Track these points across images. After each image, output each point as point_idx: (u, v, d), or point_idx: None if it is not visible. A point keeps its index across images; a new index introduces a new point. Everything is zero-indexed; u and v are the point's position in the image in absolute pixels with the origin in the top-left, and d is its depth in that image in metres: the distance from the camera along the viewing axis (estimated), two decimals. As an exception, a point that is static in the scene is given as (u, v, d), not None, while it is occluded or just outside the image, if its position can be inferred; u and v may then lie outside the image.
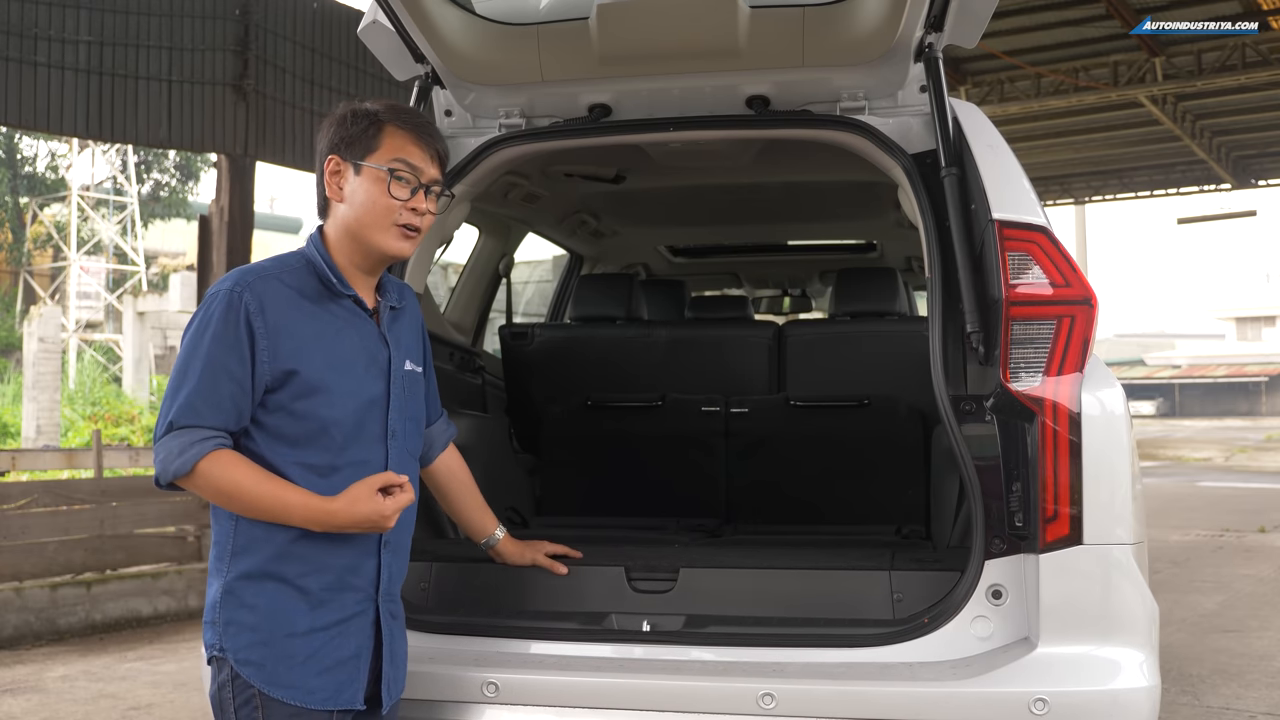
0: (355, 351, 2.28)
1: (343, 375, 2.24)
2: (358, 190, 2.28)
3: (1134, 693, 2.41)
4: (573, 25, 3.06)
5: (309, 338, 2.21)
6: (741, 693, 2.47)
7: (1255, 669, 5.76)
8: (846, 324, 4.54)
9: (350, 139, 2.29)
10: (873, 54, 3.02)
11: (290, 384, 2.18)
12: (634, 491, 4.28)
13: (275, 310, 2.19)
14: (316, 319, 2.24)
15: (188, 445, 2.12)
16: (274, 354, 2.17)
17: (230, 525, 2.21)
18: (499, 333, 4.71)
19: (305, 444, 2.20)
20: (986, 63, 16.34)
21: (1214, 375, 57.68)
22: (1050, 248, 2.62)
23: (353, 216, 2.28)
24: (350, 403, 2.24)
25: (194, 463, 2.12)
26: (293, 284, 2.24)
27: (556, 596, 2.97)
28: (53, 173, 39.37)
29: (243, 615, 2.17)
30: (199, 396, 2.13)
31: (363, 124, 2.29)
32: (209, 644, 2.21)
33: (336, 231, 2.31)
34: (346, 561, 2.24)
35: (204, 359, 2.15)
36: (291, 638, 2.17)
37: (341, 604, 2.23)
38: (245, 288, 2.18)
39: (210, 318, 2.17)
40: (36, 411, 20.92)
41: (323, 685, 2.19)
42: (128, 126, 10.84)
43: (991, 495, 2.57)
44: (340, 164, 2.29)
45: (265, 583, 2.18)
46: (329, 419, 2.21)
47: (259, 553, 2.18)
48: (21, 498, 7.98)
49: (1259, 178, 23.34)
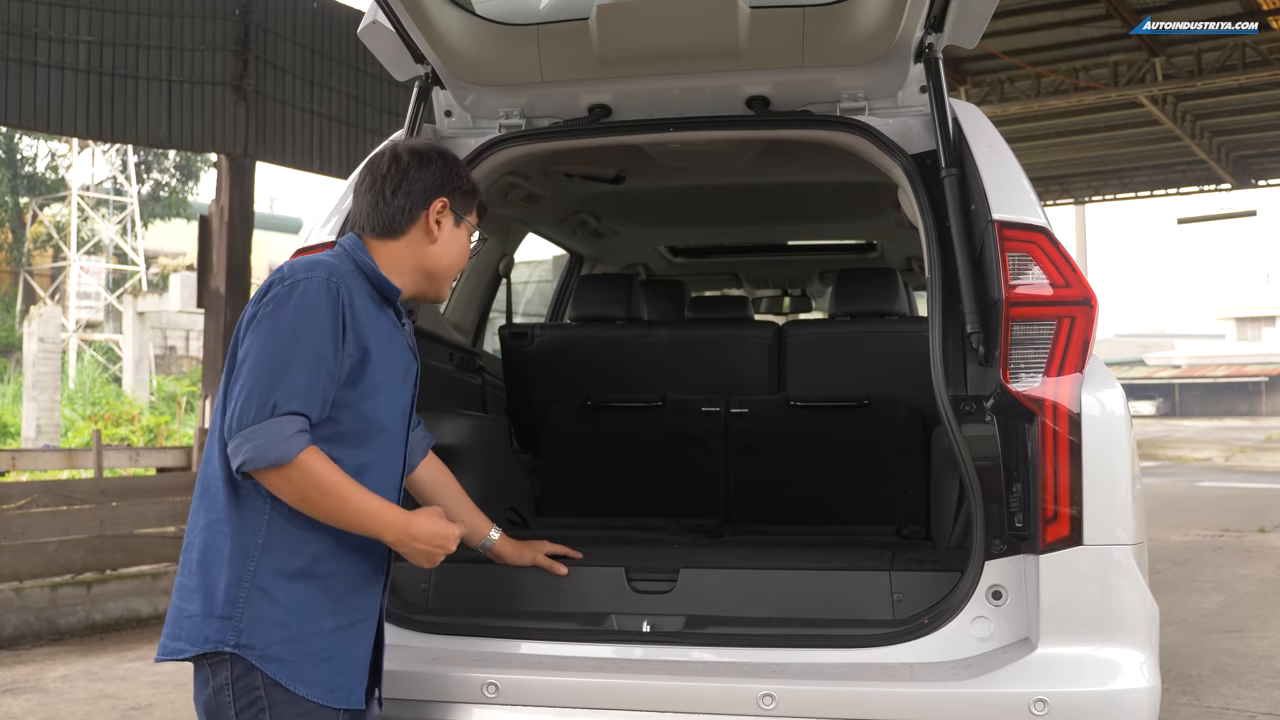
0: (398, 360, 2.35)
1: (391, 381, 2.31)
2: (453, 240, 2.41)
3: (1134, 693, 2.42)
4: (573, 25, 3.06)
5: (375, 339, 2.26)
6: (741, 693, 2.47)
7: (1255, 669, 5.75)
8: (846, 324, 4.54)
9: (462, 191, 2.43)
10: (873, 54, 3.02)
11: (359, 382, 2.21)
12: (634, 491, 4.28)
13: (359, 307, 2.23)
14: (378, 323, 2.29)
15: (292, 433, 2.08)
16: (358, 348, 2.20)
17: (262, 517, 2.16)
18: (499, 333, 4.70)
19: (355, 443, 2.23)
20: (986, 63, 16.33)
21: (1214, 375, 57.70)
22: (1050, 248, 2.62)
23: (441, 260, 2.40)
24: (396, 407, 2.33)
25: (298, 452, 2.08)
26: (358, 284, 2.27)
27: (556, 597, 2.97)
28: (53, 173, 39.37)
29: (271, 611, 2.14)
30: (304, 384, 2.11)
31: (468, 181, 2.46)
32: (215, 639, 2.13)
33: (406, 260, 2.37)
34: (371, 565, 2.30)
35: (306, 347, 2.12)
36: (320, 636, 2.18)
37: (359, 605, 2.27)
38: (339, 279, 2.20)
39: (308, 304, 2.15)
40: (36, 411, 20.92)
41: (341, 683, 2.22)
42: (128, 126, 10.84)
43: (991, 496, 2.57)
44: (447, 208, 2.39)
45: (298, 582, 2.17)
46: (383, 421, 2.28)
47: (298, 552, 2.17)
48: (21, 498, 7.98)
49: (1259, 178, 23.34)
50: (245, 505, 2.17)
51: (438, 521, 2.30)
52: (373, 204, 2.37)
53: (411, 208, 2.36)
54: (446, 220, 2.40)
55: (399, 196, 2.36)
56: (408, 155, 2.39)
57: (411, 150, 2.40)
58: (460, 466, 3.70)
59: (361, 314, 2.22)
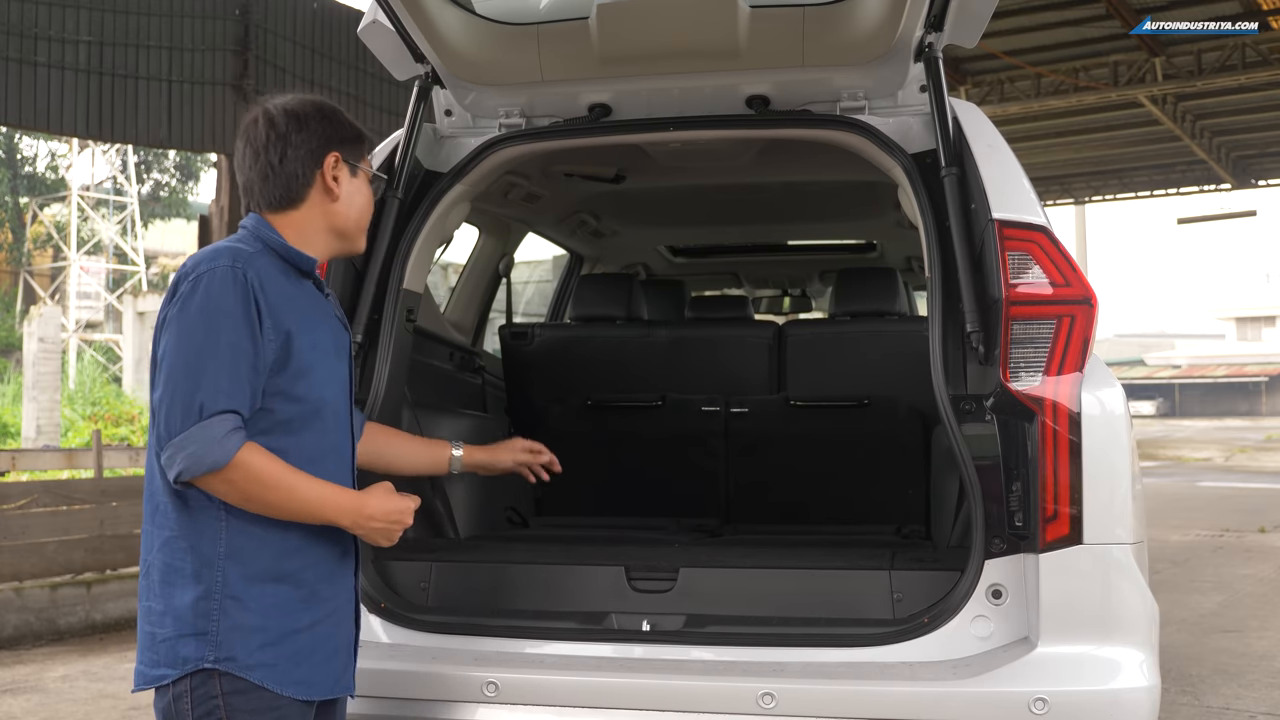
0: (327, 334, 2.26)
1: (324, 356, 2.22)
2: (355, 191, 2.30)
3: (1134, 692, 2.42)
4: (573, 25, 3.06)
5: (297, 317, 2.16)
6: (741, 692, 2.48)
7: (1255, 669, 5.75)
8: (846, 324, 4.54)
9: (347, 139, 2.29)
10: (873, 54, 3.03)
11: (289, 365, 2.12)
12: (634, 491, 4.28)
13: (271, 288, 2.12)
14: (297, 299, 2.19)
15: (224, 434, 1.99)
16: (276, 333, 2.10)
17: (219, 525, 2.07)
18: (499, 333, 4.70)
19: (298, 428, 2.14)
20: (986, 63, 16.34)
21: (1214, 375, 57.70)
22: (1050, 247, 2.62)
23: (349, 215, 2.29)
24: (333, 384, 2.23)
25: (235, 452, 1.99)
26: (266, 263, 2.17)
27: (556, 596, 2.97)
28: (53, 173, 39.39)
29: (247, 618, 2.07)
30: (225, 379, 2.01)
31: (352, 127, 2.31)
32: (194, 658, 2.05)
33: (313, 225, 2.26)
34: (339, 550, 2.23)
35: (220, 341, 2.03)
36: (299, 633, 2.13)
37: (333, 594, 2.21)
38: (245, 264, 2.09)
39: (214, 297, 2.05)
40: (36, 411, 20.90)
41: (325, 675, 2.18)
42: (128, 126, 10.85)
43: (991, 495, 2.57)
44: (340, 161, 2.27)
45: (268, 584, 2.10)
46: (322, 400, 2.18)
47: (263, 553, 2.10)
48: (21, 498, 7.99)
49: (1259, 178, 23.35)
50: (199, 516, 2.08)
51: (391, 498, 2.22)
52: (262, 176, 2.24)
53: (304, 172, 2.24)
54: (343, 174, 2.27)
55: (287, 163, 2.23)
56: (284, 119, 2.24)
57: (286, 111, 2.25)
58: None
59: (276, 296, 2.12)
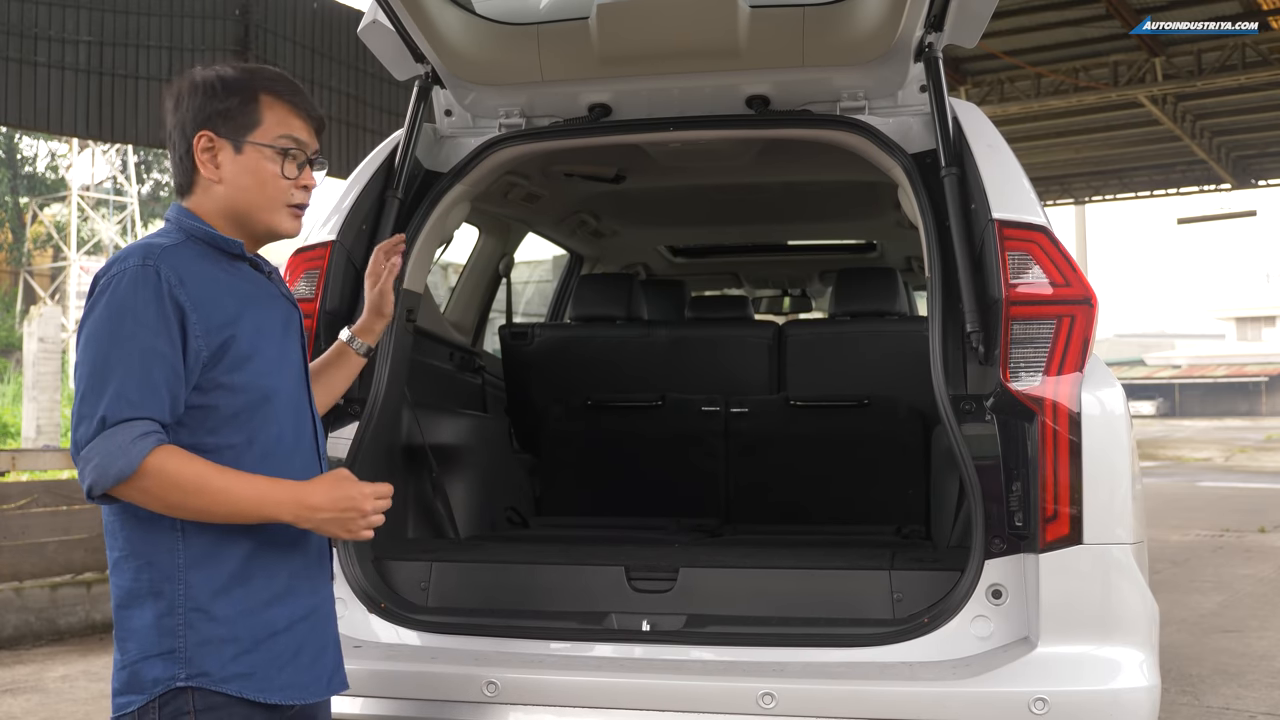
0: (272, 315, 2.10)
1: (270, 340, 2.06)
2: (242, 171, 2.06)
3: (1134, 692, 2.42)
4: (573, 25, 3.06)
5: (234, 304, 2.01)
6: (741, 692, 2.47)
7: (1255, 669, 5.75)
8: (846, 324, 4.54)
9: (226, 113, 2.06)
10: (873, 54, 3.03)
11: (227, 356, 1.97)
12: (634, 491, 4.29)
13: (195, 280, 1.96)
14: (233, 284, 2.04)
15: (129, 442, 1.84)
16: (207, 327, 1.95)
17: (174, 536, 1.94)
18: (499, 333, 4.71)
19: (246, 420, 2.00)
20: (986, 63, 16.33)
21: (1214, 375, 57.69)
22: (1050, 247, 2.63)
23: (239, 199, 2.07)
24: (283, 368, 2.09)
25: (142, 458, 1.84)
26: (191, 253, 2.01)
27: (556, 596, 2.97)
28: (53, 173, 39.43)
29: (215, 630, 1.94)
30: (132, 387, 1.87)
31: (237, 96, 2.07)
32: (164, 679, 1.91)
33: (211, 209, 2.07)
34: (306, 545, 2.09)
35: (128, 346, 1.89)
36: (275, 636, 2.00)
37: (311, 589, 2.08)
38: (158, 260, 1.94)
39: (122, 300, 1.91)
40: (36, 411, 20.89)
41: (314, 676, 2.06)
42: (128, 126, 10.85)
43: (991, 495, 2.57)
44: (215, 140, 2.05)
45: (235, 588, 1.96)
46: (270, 387, 2.04)
47: (226, 556, 1.96)
48: (21, 498, 7.99)
49: (1259, 178, 23.34)
50: (150, 528, 1.94)
51: (341, 485, 2.00)
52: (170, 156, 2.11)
53: (183, 156, 2.07)
54: (223, 153, 2.05)
55: (171, 144, 2.09)
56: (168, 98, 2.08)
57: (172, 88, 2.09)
58: (460, 466, 3.71)
59: (202, 287, 1.96)
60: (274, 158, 2.08)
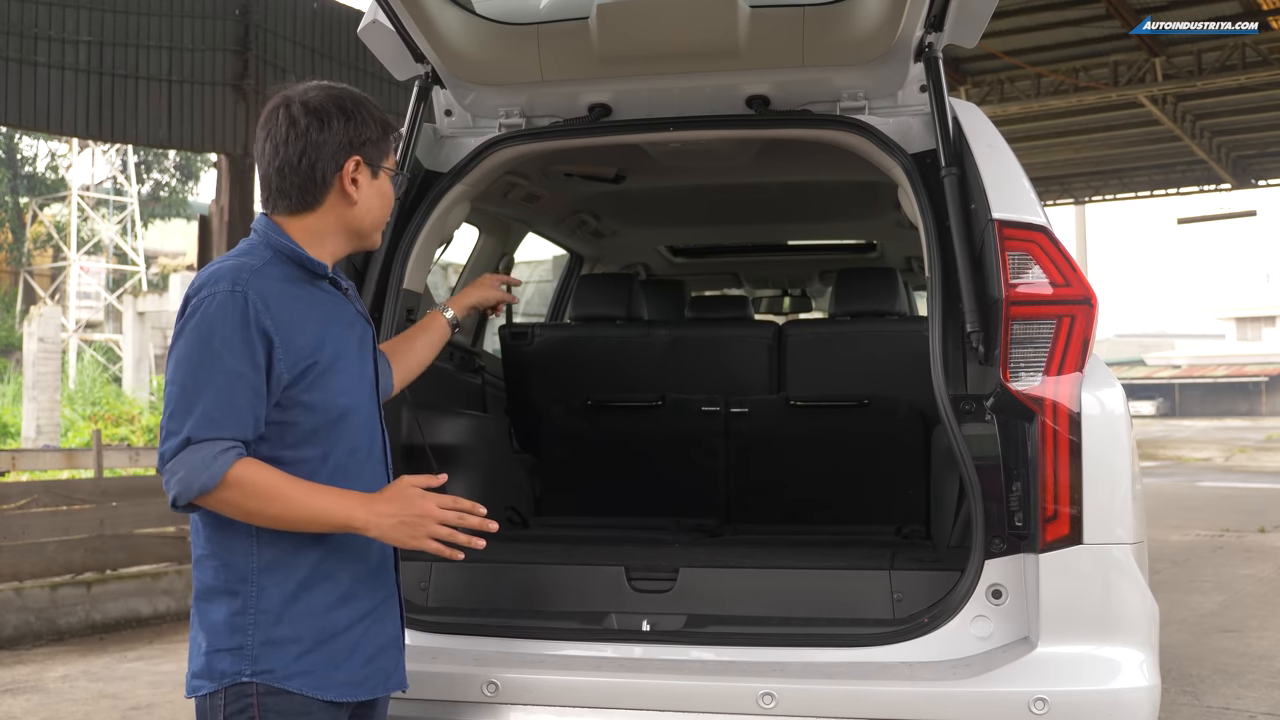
0: (348, 333, 2.21)
1: (347, 359, 2.18)
2: (375, 194, 2.24)
3: (1134, 692, 2.42)
4: (573, 25, 3.06)
5: (314, 325, 2.12)
6: (741, 692, 2.48)
7: (1255, 669, 5.75)
8: (846, 324, 4.54)
9: (371, 138, 2.21)
10: (873, 54, 3.03)
11: (308, 377, 2.09)
12: (634, 491, 4.28)
13: (279, 305, 2.07)
14: (313, 305, 2.15)
15: (212, 457, 1.98)
16: (289, 349, 2.06)
17: (250, 542, 2.07)
18: (499, 333, 4.70)
19: (323, 437, 2.11)
20: (986, 63, 16.34)
21: (1214, 375, 57.68)
22: (1050, 247, 2.63)
23: (366, 219, 2.23)
24: (358, 386, 2.20)
25: (224, 472, 1.98)
26: (278, 274, 2.12)
27: (556, 596, 2.97)
28: (53, 173, 39.41)
29: (281, 631, 2.07)
30: (216, 409, 2.00)
31: (378, 126, 2.24)
32: (231, 672, 2.05)
33: (328, 228, 2.20)
34: (372, 548, 2.19)
35: (215, 370, 2.01)
36: (336, 636, 2.11)
37: (374, 593, 2.19)
38: (246, 285, 2.05)
39: (212, 324, 2.03)
40: (36, 411, 20.90)
41: (370, 674, 2.16)
42: (128, 126, 10.85)
43: (991, 495, 2.57)
44: (361, 165, 2.20)
45: (303, 593, 2.09)
46: (346, 405, 2.15)
47: (298, 564, 2.08)
48: (21, 498, 7.99)
49: (1259, 178, 23.35)
50: (229, 531, 2.08)
51: (406, 493, 2.10)
52: (280, 174, 2.17)
53: (322, 176, 2.17)
54: (363, 176, 2.20)
55: (305, 164, 2.16)
56: (305, 116, 2.16)
57: (307, 107, 2.17)
58: (460, 466, 3.71)
59: (285, 309, 2.08)
60: (392, 183, 2.29)
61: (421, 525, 2.09)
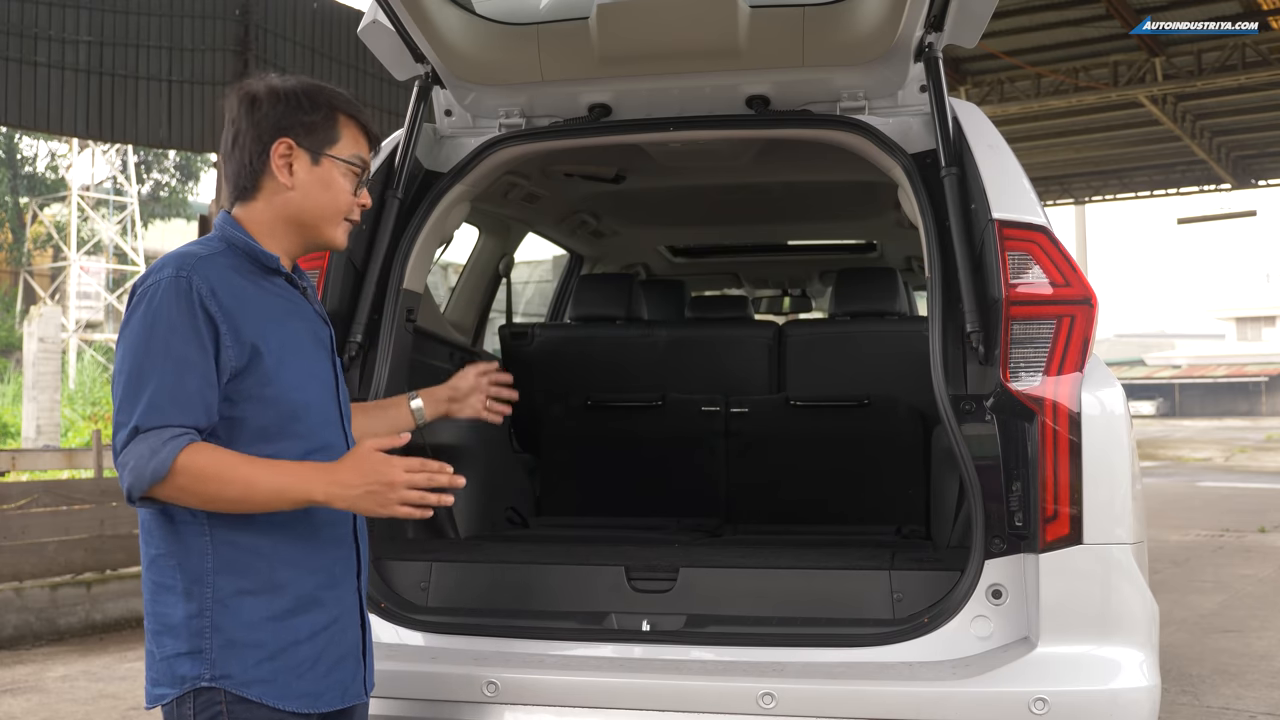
0: (302, 330, 2.15)
1: (299, 355, 2.12)
2: (316, 182, 2.15)
3: (1134, 692, 2.42)
4: (573, 25, 3.06)
5: (263, 317, 2.07)
6: (741, 692, 2.48)
7: (1255, 669, 5.75)
8: (846, 324, 4.54)
9: (310, 125, 2.15)
10: (873, 54, 3.03)
11: (256, 368, 2.02)
12: (634, 491, 4.29)
13: (226, 292, 2.02)
14: (263, 298, 2.10)
15: (160, 444, 1.91)
16: (236, 337, 2.00)
17: (205, 540, 2.00)
18: (499, 333, 4.70)
19: (276, 434, 2.05)
20: (986, 63, 16.34)
21: (1214, 375, 57.66)
22: (1050, 247, 2.63)
23: (308, 207, 2.15)
24: (312, 383, 2.14)
25: (173, 458, 1.90)
26: (226, 264, 2.07)
27: (556, 596, 2.97)
28: (53, 173, 39.40)
29: (242, 634, 2.00)
30: (163, 396, 1.94)
31: (321, 111, 2.16)
32: (190, 676, 1.99)
33: (271, 216, 2.15)
34: (335, 555, 2.14)
35: (162, 356, 1.95)
36: (298, 645, 2.04)
37: (336, 599, 2.12)
38: (190, 271, 2.00)
39: (158, 310, 1.97)
40: (36, 411, 20.90)
41: (330, 685, 2.10)
42: (128, 126, 10.86)
43: (991, 495, 2.57)
44: (294, 149, 2.13)
45: (263, 595, 2.02)
46: (299, 402, 2.09)
47: (255, 565, 2.02)
48: (21, 498, 7.99)
49: (1259, 178, 23.35)
50: (183, 531, 2.01)
51: (370, 458, 2.01)
52: (225, 161, 2.16)
53: (254, 159, 2.12)
54: (299, 162, 2.13)
55: (238, 150, 2.13)
56: (243, 102, 2.13)
57: (248, 95, 2.14)
58: (460, 467, 3.70)
59: (234, 298, 2.02)
60: (346, 174, 2.18)
61: (390, 492, 2.01)
